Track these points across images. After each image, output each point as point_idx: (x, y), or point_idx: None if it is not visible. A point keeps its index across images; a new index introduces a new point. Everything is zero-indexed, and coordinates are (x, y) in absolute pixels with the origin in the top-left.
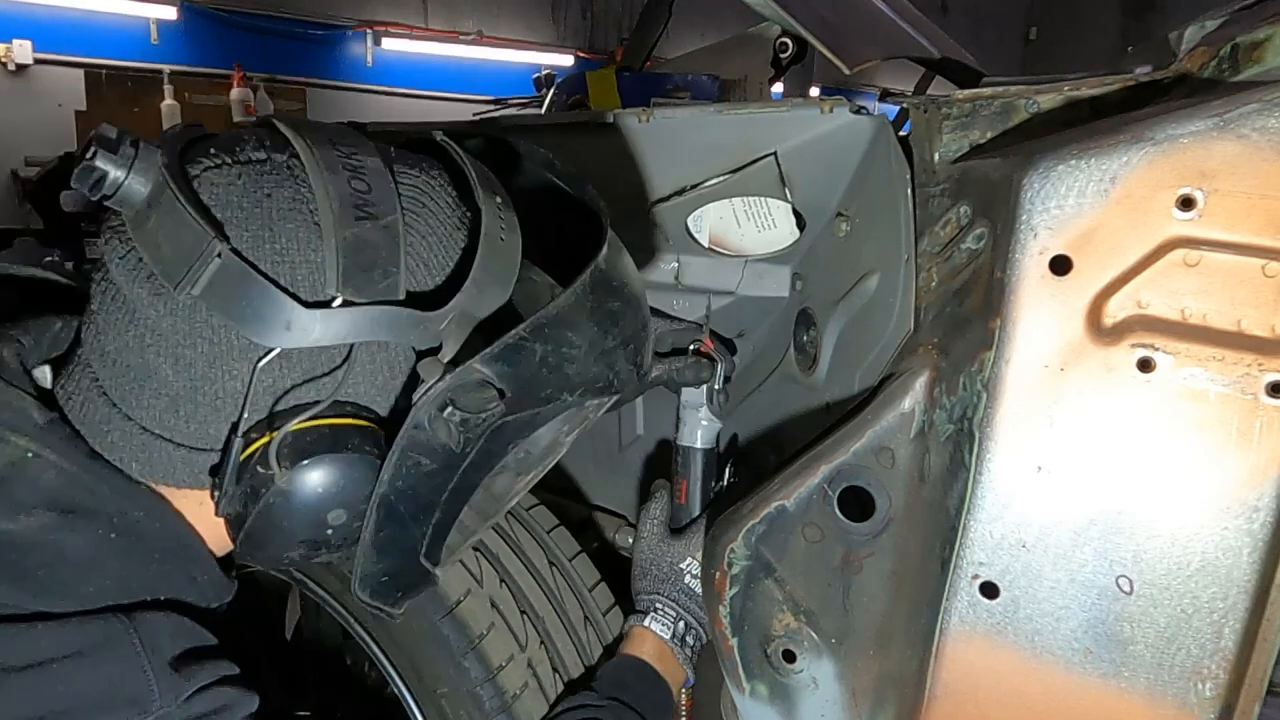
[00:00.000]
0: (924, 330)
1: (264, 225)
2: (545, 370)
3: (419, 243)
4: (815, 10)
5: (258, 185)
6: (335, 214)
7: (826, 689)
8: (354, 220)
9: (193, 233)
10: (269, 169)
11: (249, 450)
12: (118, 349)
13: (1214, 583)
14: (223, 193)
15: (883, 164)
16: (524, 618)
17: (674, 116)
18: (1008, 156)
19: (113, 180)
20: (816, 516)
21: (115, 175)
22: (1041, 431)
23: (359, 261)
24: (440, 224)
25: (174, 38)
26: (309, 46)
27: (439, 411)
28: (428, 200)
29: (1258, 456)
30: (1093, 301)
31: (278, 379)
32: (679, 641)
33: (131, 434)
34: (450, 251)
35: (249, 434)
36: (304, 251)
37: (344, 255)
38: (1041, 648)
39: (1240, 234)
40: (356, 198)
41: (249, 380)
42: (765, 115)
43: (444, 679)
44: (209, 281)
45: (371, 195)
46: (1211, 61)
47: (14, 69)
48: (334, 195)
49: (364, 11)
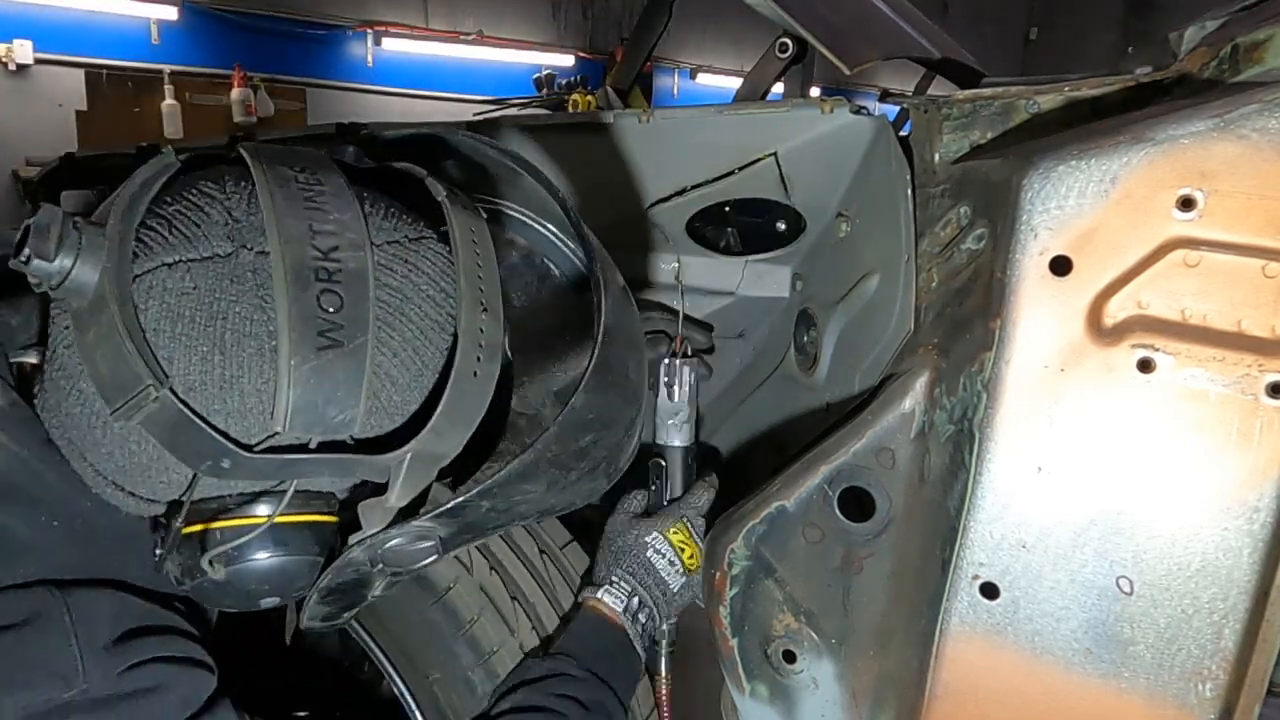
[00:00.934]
0: (924, 330)
1: (215, 349)
2: (493, 515)
3: (390, 365)
4: (815, 10)
5: (214, 298)
6: (293, 343)
7: (826, 689)
8: (315, 350)
9: (130, 367)
10: (230, 273)
11: (189, 530)
12: (70, 413)
13: (1214, 583)
14: (174, 304)
15: (883, 164)
16: (515, 603)
17: (674, 117)
18: (1008, 157)
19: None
20: (817, 517)
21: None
22: (1042, 432)
23: (314, 398)
24: (418, 340)
25: (174, 38)
26: (309, 46)
27: (370, 562)
28: (409, 309)
29: (1258, 457)
30: (1093, 302)
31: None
32: (630, 617)
33: (86, 470)
34: (427, 372)
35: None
36: (254, 381)
37: (297, 390)
38: (1041, 648)
39: (1240, 234)
40: (322, 322)
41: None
42: (765, 115)
43: (435, 665)
44: (145, 417)
45: (341, 314)
46: (1212, 62)
47: (14, 69)
48: (296, 317)
49: (364, 11)
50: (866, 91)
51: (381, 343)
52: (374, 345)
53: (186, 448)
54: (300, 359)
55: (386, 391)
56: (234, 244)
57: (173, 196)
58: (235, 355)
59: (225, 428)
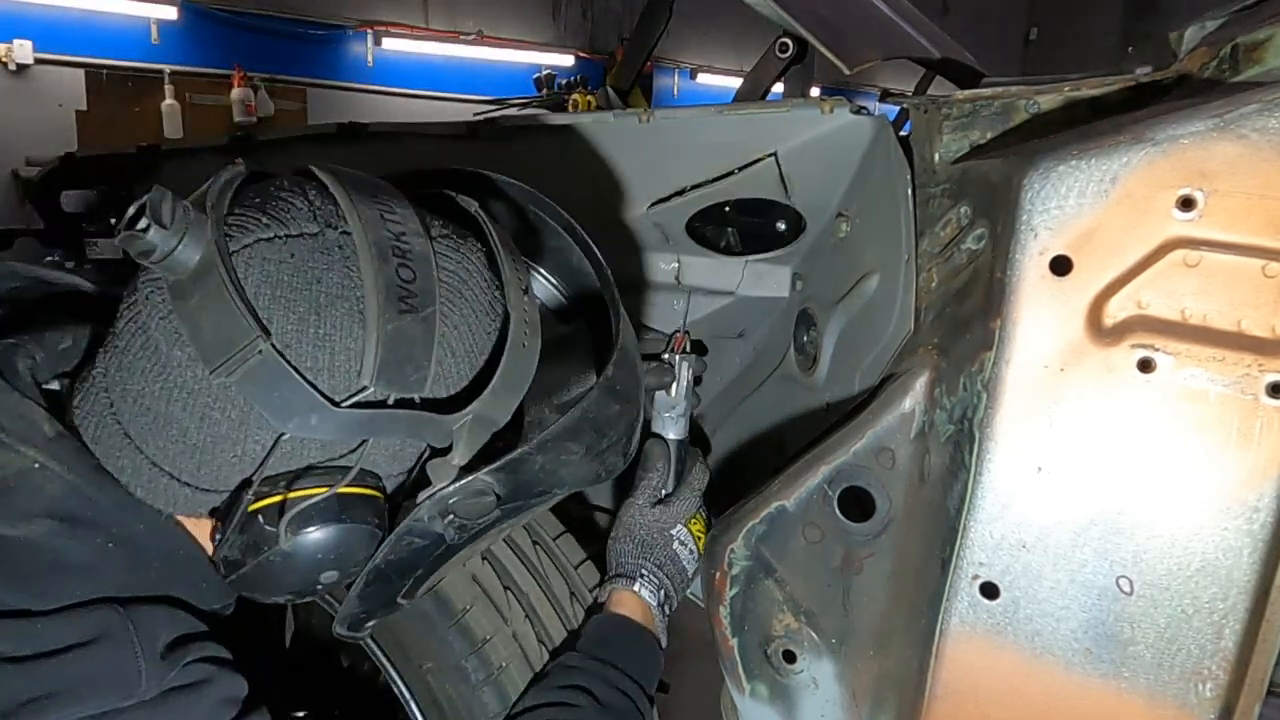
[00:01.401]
0: (924, 330)
1: (311, 309)
2: (542, 475)
3: (451, 336)
4: (815, 10)
5: (308, 266)
6: (380, 304)
7: (826, 689)
8: (398, 313)
9: (237, 324)
10: (320, 247)
11: (256, 505)
12: (141, 392)
13: (1214, 583)
14: (274, 271)
15: (883, 164)
16: (507, 593)
17: (674, 117)
18: (1008, 157)
19: (161, 251)
20: (817, 517)
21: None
22: (1041, 432)
23: (396, 356)
24: (473, 316)
25: (174, 38)
26: (309, 46)
27: (440, 516)
28: (465, 290)
29: (1258, 457)
30: (1093, 302)
31: (298, 451)
32: (661, 610)
33: (141, 465)
34: (478, 350)
35: (260, 490)
36: (345, 340)
37: (384, 348)
38: (1041, 648)
39: (1240, 234)
40: (402, 289)
41: (270, 447)
42: (765, 115)
43: (429, 654)
44: (246, 371)
45: (415, 285)
46: (1212, 62)
47: (14, 69)
48: (381, 284)
49: (364, 11)
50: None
51: (445, 315)
52: (440, 317)
53: (280, 403)
54: (386, 319)
55: (448, 360)
56: (319, 224)
57: (255, 191)
58: (329, 315)
59: (316, 383)
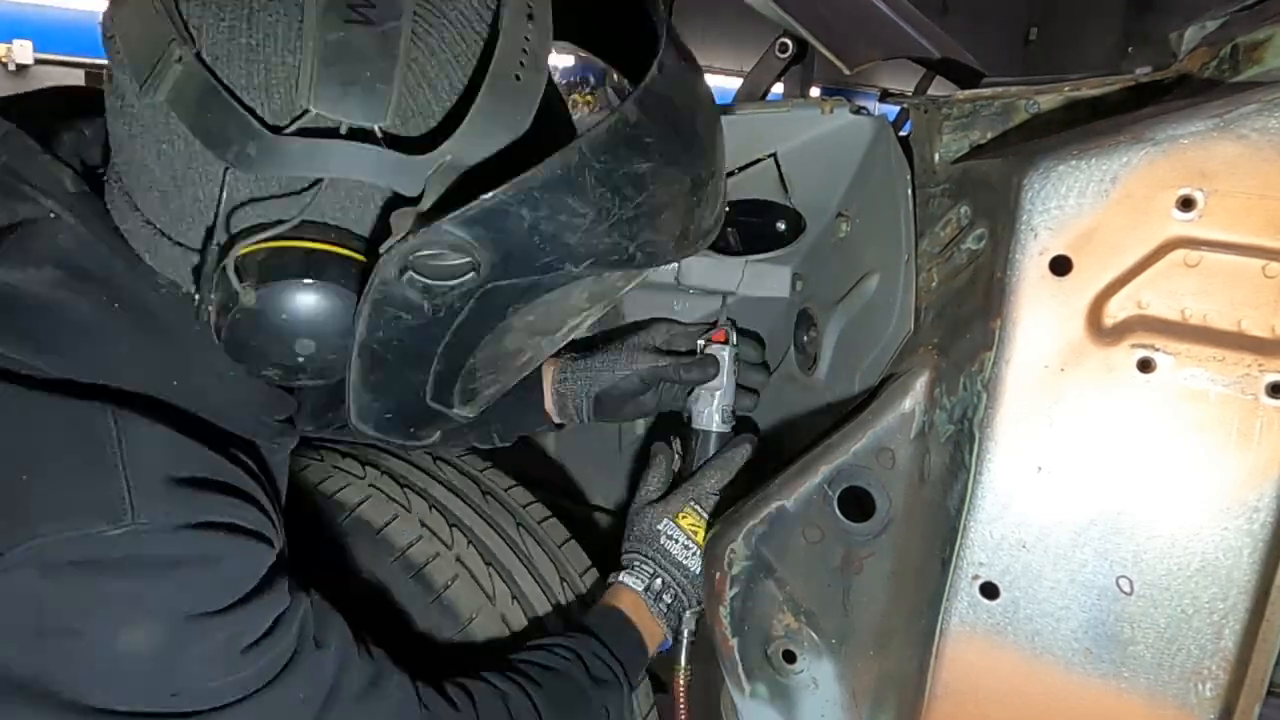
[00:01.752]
0: (924, 330)
1: (241, 17)
2: (537, 239)
3: (426, 62)
4: (815, 10)
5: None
6: (320, 11)
7: (827, 689)
8: (343, 21)
9: (157, 28)
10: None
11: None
12: (115, 135)
13: (1214, 583)
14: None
15: (883, 164)
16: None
17: None
18: (1008, 157)
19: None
20: (817, 517)
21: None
22: (1042, 432)
23: (339, 73)
24: (457, 41)
25: None
26: None
27: (398, 275)
28: (446, 12)
29: (1258, 457)
30: (1093, 302)
31: (251, 192)
32: (653, 596)
33: (138, 224)
34: (458, 75)
35: (221, 243)
36: (280, 52)
37: (321, 62)
38: (1041, 648)
39: (1240, 234)
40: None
41: (221, 185)
42: (765, 115)
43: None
44: (171, 86)
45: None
46: (1212, 62)
47: (14, 69)
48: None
49: None
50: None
51: (418, 36)
52: (408, 37)
53: (214, 129)
54: (326, 27)
55: (422, 93)
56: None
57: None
58: (260, 22)
59: (252, 104)
